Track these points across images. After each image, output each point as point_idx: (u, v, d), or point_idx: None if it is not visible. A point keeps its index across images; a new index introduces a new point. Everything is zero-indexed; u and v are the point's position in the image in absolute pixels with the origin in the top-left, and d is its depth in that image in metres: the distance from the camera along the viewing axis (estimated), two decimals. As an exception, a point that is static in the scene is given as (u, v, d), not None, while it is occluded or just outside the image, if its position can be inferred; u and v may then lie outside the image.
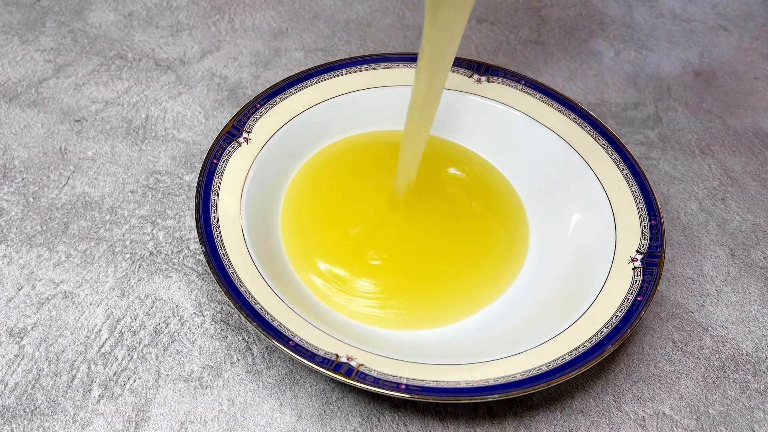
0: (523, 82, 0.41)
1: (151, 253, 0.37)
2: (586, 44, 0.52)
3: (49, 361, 0.32)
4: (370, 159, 0.41)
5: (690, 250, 0.39)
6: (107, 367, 0.32)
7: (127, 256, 0.36)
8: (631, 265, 0.34)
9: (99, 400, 0.31)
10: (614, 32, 0.53)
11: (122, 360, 0.33)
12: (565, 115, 0.40)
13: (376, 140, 0.42)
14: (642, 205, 0.36)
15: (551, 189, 0.39)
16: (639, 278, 0.33)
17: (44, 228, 0.37)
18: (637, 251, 0.34)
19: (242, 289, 0.31)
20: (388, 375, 0.29)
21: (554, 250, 0.37)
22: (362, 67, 0.42)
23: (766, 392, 0.34)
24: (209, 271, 0.36)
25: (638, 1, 0.56)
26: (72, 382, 0.32)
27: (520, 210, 0.39)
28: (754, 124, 0.47)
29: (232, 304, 0.30)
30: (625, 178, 0.37)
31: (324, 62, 0.45)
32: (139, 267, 0.36)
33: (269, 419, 0.31)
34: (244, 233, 0.34)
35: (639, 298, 0.32)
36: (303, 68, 0.47)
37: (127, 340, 0.33)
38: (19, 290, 0.35)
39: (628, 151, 0.38)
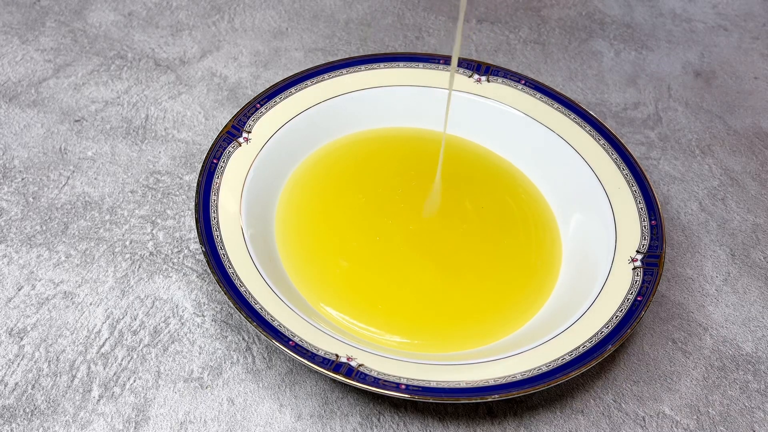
0: (523, 82, 0.41)
1: (151, 253, 0.37)
2: (586, 44, 0.52)
3: (49, 361, 0.32)
4: (369, 158, 0.41)
5: (690, 250, 0.39)
6: (107, 367, 0.32)
7: (127, 256, 0.36)
8: (631, 265, 0.34)
9: (99, 400, 0.31)
10: (614, 32, 0.53)
11: (122, 360, 0.33)
12: (565, 115, 0.40)
13: (376, 139, 0.42)
14: (642, 205, 0.36)
15: (551, 189, 0.39)
16: (639, 278, 0.33)
17: (44, 228, 0.37)
18: (637, 251, 0.34)
19: (242, 289, 0.31)
20: (388, 375, 0.29)
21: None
22: (362, 67, 0.42)
23: (766, 392, 0.34)
24: (209, 271, 0.36)
25: (638, 1, 0.56)
26: (72, 382, 0.32)
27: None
28: (754, 124, 0.47)
29: (232, 304, 0.30)
30: (625, 178, 0.37)
31: (324, 62, 0.45)
32: (139, 267, 0.36)
33: (269, 419, 0.31)
34: (244, 233, 0.34)
35: (639, 298, 0.32)
36: (303, 68, 0.47)
37: (127, 340, 0.33)
38: (19, 290, 0.35)
39: (628, 151, 0.38)
